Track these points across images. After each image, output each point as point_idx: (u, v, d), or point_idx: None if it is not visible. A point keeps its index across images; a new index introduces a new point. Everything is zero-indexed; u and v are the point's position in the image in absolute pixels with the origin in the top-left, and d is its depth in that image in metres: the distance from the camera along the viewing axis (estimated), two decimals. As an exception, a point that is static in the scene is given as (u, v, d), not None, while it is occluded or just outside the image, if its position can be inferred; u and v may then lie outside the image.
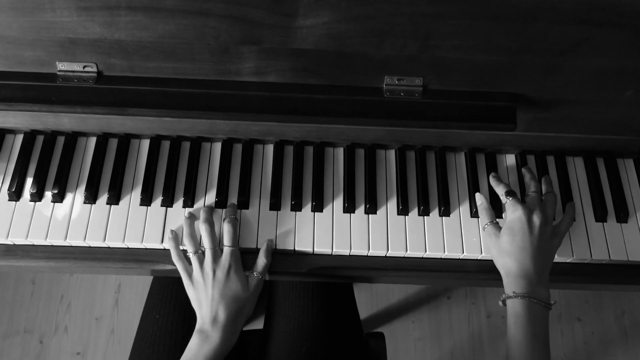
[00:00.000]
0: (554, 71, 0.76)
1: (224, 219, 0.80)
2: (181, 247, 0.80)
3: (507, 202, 0.79)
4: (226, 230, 0.79)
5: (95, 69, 0.76)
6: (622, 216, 0.86)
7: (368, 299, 1.66)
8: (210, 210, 0.82)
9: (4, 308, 1.61)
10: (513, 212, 0.78)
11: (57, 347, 1.57)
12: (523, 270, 0.75)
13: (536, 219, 0.77)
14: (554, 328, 1.64)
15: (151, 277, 1.01)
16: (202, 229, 0.79)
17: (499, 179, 0.84)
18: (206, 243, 0.78)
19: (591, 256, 0.83)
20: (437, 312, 1.65)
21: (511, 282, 0.75)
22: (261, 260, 0.80)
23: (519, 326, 0.72)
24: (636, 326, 1.66)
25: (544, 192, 0.83)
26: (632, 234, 0.85)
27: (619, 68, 0.76)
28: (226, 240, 0.79)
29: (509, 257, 0.76)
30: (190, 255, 0.79)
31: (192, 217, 0.82)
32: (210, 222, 0.80)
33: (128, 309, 1.61)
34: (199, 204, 0.84)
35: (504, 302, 0.76)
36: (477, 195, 0.84)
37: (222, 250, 0.79)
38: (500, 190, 0.82)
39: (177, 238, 0.80)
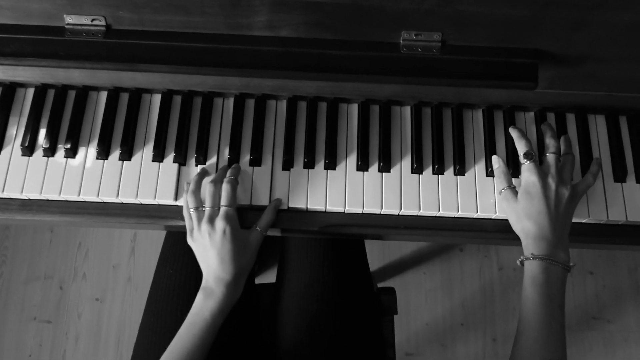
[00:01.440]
0: (581, 26, 0.73)
1: (225, 179, 0.80)
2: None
3: (525, 164, 0.78)
4: (224, 189, 0.78)
5: (104, 23, 0.74)
6: (643, 177, 0.84)
7: (380, 251, 1.67)
8: (223, 172, 0.81)
9: (24, 255, 1.65)
10: (530, 175, 0.76)
11: (77, 293, 1.62)
12: (542, 233, 0.74)
13: (552, 182, 0.76)
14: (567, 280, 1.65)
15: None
16: (207, 188, 0.79)
17: (522, 134, 0.81)
18: (207, 202, 0.78)
19: (608, 217, 0.82)
20: (449, 264, 1.66)
21: (530, 245, 0.75)
22: (266, 217, 0.80)
23: (535, 287, 0.72)
24: (648, 280, 1.66)
25: (562, 152, 0.81)
26: (651, 195, 0.83)
27: (649, 23, 0.72)
28: (223, 200, 0.78)
29: (527, 221, 0.75)
30: (192, 211, 0.78)
31: (202, 174, 0.81)
32: (216, 184, 0.79)
33: (144, 257, 1.65)
34: (211, 161, 0.84)
35: (522, 262, 0.75)
36: (494, 157, 0.82)
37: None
38: (520, 148, 0.80)
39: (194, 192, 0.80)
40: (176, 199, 0.82)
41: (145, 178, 0.82)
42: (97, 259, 1.64)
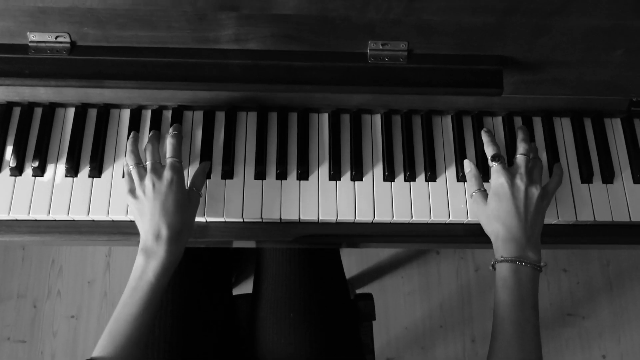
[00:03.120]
0: (543, 32, 0.74)
1: (168, 134, 0.79)
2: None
3: (493, 166, 0.79)
4: (169, 142, 0.77)
5: (68, 39, 0.73)
6: (608, 176, 0.86)
7: (358, 257, 1.68)
8: (157, 135, 0.81)
9: (-5, 274, 1.61)
10: (497, 177, 0.77)
11: (52, 311, 1.59)
12: (511, 234, 0.74)
13: (520, 183, 0.76)
14: (540, 279, 1.67)
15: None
16: (146, 147, 0.78)
17: (491, 138, 0.82)
18: (148, 157, 0.77)
19: (576, 218, 0.84)
20: (426, 267, 1.67)
21: (500, 247, 0.75)
22: (198, 177, 0.79)
23: (506, 289, 0.72)
24: (620, 276, 1.70)
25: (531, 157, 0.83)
26: (617, 194, 0.85)
27: (609, 28, 0.74)
28: (169, 153, 0.77)
29: (497, 223, 0.76)
30: (131, 168, 0.76)
31: (135, 136, 0.81)
32: (154, 142, 0.79)
33: (120, 272, 1.63)
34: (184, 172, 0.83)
35: (493, 266, 0.76)
36: (466, 162, 0.84)
37: (163, 166, 0.77)
38: (489, 152, 0.81)
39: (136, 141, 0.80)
40: (148, 214, 0.81)
41: (117, 194, 0.81)
42: (71, 276, 1.62)
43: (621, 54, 0.77)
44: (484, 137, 0.83)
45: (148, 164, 0.76)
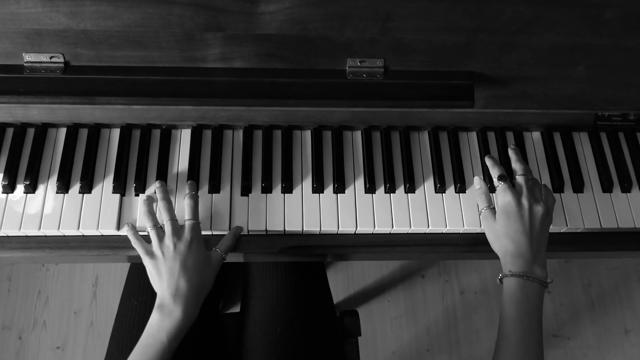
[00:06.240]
0: (509, 49, 0.79)
1: (186, 195, 0.82)
2: (140, 233, 0.81)
3: (499, 186, 0.82)
4: (187, 204, 0.80)
5: (62, 60, 0.77)
6: (578, 186, 0.90)
7: (344, 281, 1.69)
8: (165, 188, 0.83)
9: (-20, 306, 1.60)
10: (504, 196, 0.81)
11: (37, 342, 1.57)
12: (519, 250, 0.77)
13: (525, 202, 0.80)
14: (525, 301, 1.70)
15: (127, 268, 1.02)
16: (160, 205, 0.80)
17: (495, 162, 0.86)
18: (165, 217, 0.79)
19: (552, 221, 0.87)
20: (411, 290, 1.69)
21: (508, 262, 0.77)
22: (226, 241, 0.82)
23: (513, 303, 0.74)
24: (602, 296, 1.73)
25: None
26: (587, 202, 0.89)
27: (570, 44, 0.79)
28: (187, 215, 0.80)
29: (505, 239, 0.79)
30: (149, 229, 0.78)
31: (149, 199, 0.83)
32: (168, 200, 0.81)
33: (107, 302, 1.62)
34: (170, 190, 0.86)
35: (500, 280, 0.78)
36: (476, 179, 0.87)
37: (182, 226, 0.80)
38: (494, 173, 0.84)
39: (134, 227, 0.82)
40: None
41: (106, 209, 0.83)
42: (57, 306, 1.61)
43: (582, 69, 0.83)
44: (488, 162, 0.87)
45: (167, 224, 0.78)
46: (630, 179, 0.91)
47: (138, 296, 0.93)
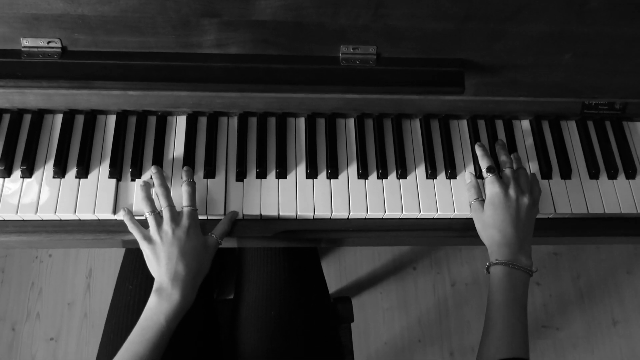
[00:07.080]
0: (498, 37, 0.81)
1: (183, 182, 0.83)
2: (136, 218, 0.82)
3: (488, 177, 0.85)
4: (185, 191, 0.82)
5: (59, 45, 0.78)
6: (565, 173, 0.92)
7: (337, 272, 1.71)
8: (162, 174, 0.84)
9: (-27, 297, 1.60)
10: (492, 187, 0.83)
11: (30, 334, 1.58)
12: (505, 239, 0.80)
13: (512, 193, 0.82)
14: (515, 293, 1.72)
15: (121, 260, 1.03)
16: (158, 192, 0.81)
17: (485, 152, 0.88)
18: (163, 203, 0.80)
19: (538, 211, 0.89)
20: (403, 282, 1.71)
21: (495, 251, 0.80)
22: (222, 225, 0.83)
23: (500, 290, 0.77)
24: (591, 288, 1.75)
25: (515, 167, 0.88)
26: (574, 189, 0.91)
27: (558, 33, 0.81)
28: (185, 201, 0.81)
29: (492, 229, 0.82)
30: (147, 215, 0.80)
31: (146, 184, 0.84)
32: (165, 186, 0.82)
33: (100, 293, 1.63)
34: (167, 175, 0.87)
35: (487, 269, 0.81)
36: (467, 173, 0.90)
37: (180, 213, 0.81)
38: (483, 164, 0.87)
39: (130, 212, 0.83)
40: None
41: (103, 194, 0.84)
42: (51, 298, 1.62)
43: (569, 57, 0.85)
44: (478, 151, 0.89)
45: (165, 210, 0.80)
46: (616, 165, 0.93)
47: (133, 280, 0.94)
